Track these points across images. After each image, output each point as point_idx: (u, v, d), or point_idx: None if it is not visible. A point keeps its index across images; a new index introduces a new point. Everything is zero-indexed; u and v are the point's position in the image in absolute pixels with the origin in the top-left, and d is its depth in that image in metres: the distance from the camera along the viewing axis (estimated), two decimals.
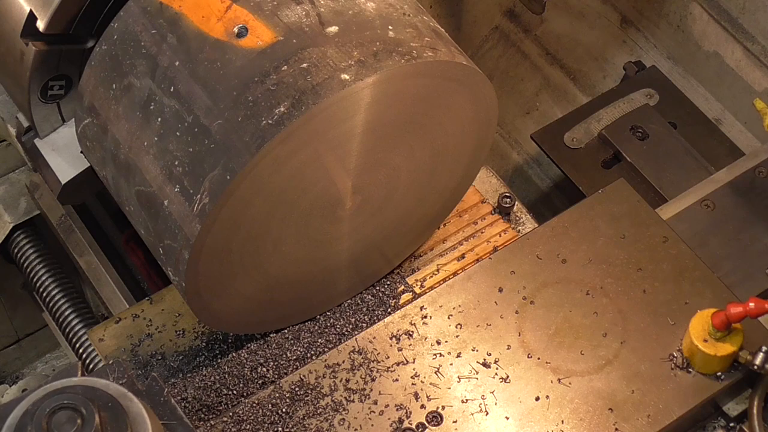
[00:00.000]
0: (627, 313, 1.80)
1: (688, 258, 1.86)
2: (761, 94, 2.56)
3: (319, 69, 1.51)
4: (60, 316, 2.30)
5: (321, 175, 1.61)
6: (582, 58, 2.87)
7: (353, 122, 1.56)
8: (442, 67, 1.60)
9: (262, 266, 1.69)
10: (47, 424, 1.19)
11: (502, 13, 2.93)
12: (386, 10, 1.61)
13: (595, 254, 1.87)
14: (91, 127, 1.69)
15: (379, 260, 1.91)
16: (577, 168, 2.43)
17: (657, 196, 2.30)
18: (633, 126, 2.45)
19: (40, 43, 1.70)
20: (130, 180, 1.63)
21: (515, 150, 2.89)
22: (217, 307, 1.71)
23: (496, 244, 1.99)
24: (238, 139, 1.50)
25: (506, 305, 1.82)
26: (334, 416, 1.71)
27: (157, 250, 1.64)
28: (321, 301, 1.88)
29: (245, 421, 1.71)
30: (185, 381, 1.81)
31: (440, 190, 1.86)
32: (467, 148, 1.80)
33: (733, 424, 1.78)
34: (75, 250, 2.26)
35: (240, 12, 1.57)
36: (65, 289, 2.33)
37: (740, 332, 1.72)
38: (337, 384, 1.74)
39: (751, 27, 2.56)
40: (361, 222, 1.75)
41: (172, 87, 1.57)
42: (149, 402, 1.30)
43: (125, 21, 1.64)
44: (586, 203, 1.94)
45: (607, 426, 1.70)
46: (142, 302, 1.94)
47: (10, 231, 2.37)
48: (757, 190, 2.10)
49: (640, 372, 1.75)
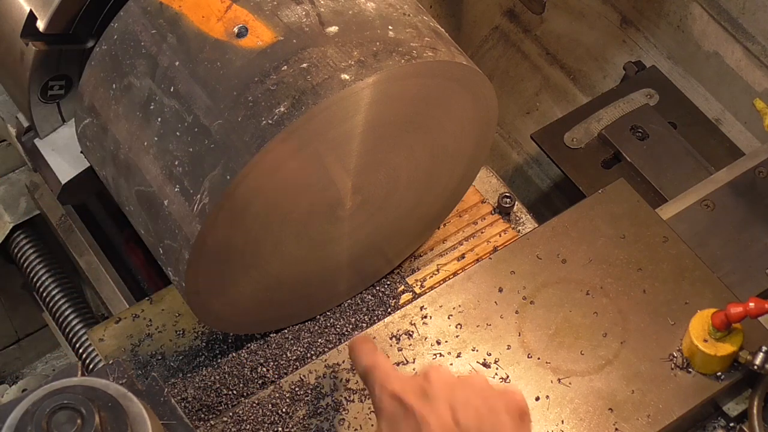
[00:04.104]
0: (627, 313, 1.80)
1: (688, 258, 1.86)
2: (761, 94, 2.56)
3: (319, 69, 1.51)
4: (60, 316, 2.30)
5: (321, 175, 1.61)
6: (582, 58, 2.87)
7: (353, 122, 1.56)
8: (442, 67, 1.60)
9: (262, 266, 1.69)
10: (47, 424, 1.19)
11: (502, 13, 2.93)
12: (386, 10, 1.61)
13: (595, 254, 1.87)
14: (91, 127, 1.69)
15: (379, 260, 1.91)
16: (577, 168, 2.43)
17: (657, 196, 2.30)
18: (633, 126, 2.45)
19: (40, 43, 1.70)
20: (130, 180, 1.63)
21: (515, 150, 2.89)
22: (217, 307, 1.71)
23: (496, 244, 1.99)
24: (238, 139, 1.50)
25: (506, 305, 1.82)
26: (335, 416, 1.71)
27: (157, 250, 1.64)
28: (321, 301, 1.88)
29: (245, 421, 1.71)
30: (185, 381, 1.81)
31: (440, 190, 1.86)
32: (467, 148, 1.80)
33: (733, 424, 1.78)
34: (75, 250, 2.26)
35: (240, 12, 1.57)
36: (65, 289, 2.33)
37: (740, 332, 1.72)
38: (337, 384, 1.74)
39: (751, 27, 2.56)
40: (361, 222, 1.75)
41: (172, 87, 1.57)
42: (149, 402, 1.30)
43: (125, 21, 1.64)
44: (586, 203, 1.95)
45: (607, 426, 1.70)
46: (142, 302, 1.94)
47: (10, 231, 2.37)
48: (757, 190, 2.10)
49: (640, 372, 1.75)
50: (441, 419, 1.41)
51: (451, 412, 1.42)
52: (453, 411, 1.42)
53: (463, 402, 1.43)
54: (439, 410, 1.42)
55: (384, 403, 1.48)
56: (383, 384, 1.49)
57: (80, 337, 2.24)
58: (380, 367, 1.53)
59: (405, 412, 1.44)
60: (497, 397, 1.46)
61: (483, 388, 1.47)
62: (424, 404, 1.43)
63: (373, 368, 1.53)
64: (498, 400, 1.45)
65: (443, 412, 1.42)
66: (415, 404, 1.44)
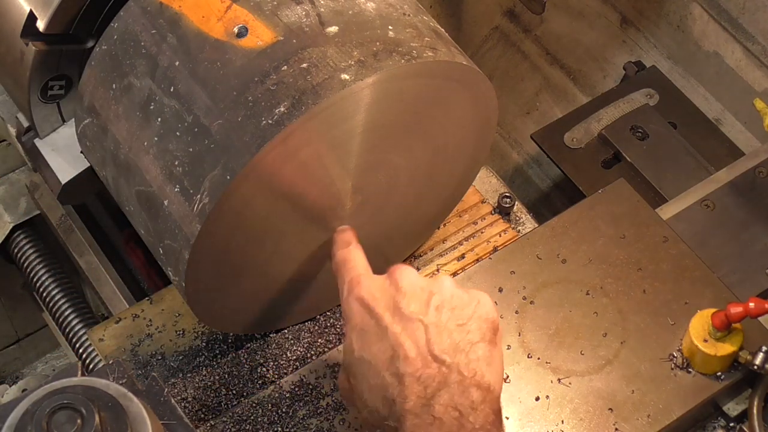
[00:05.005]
0: (627, 313, 1.80)
1: (688, 258, 1.86)
2: (761, 94, 2.56)
3: (319, 69, 1.51)
4: (60, 316, 2.30)
5: (321, 175, 1.61)
6: (582, 58, 2.87)
7: (353, 122, 1.56)
8: (442, 67, 1.60)
9: (262, 266, 1.69)
10: (47, 424, 1.19)
11: (502, 13, 2.93)
12: (386, 10, 1.61)
13: (595, 254, 1.87)
14: (91, 127, 1.69)
15: (379, 260, 1.91)
16: (577, 168, 2.43)
17: (657, 196, 2.30)
18: (633, 126, 2.45)
19: (40, 43, 1.69)
20: (130, 180, 1.63)
21: (515, 150, 2.89)
22: (217, 307, 1.71)
23: (496, 244, 1.99)
24: (238, 139, 1.50)
25: (506, 305, 1.82)
26: (335, 416, 1.71)
27: (157, 250, 1.64)
28: (321, 301, 1.88)
29: (245, 421, 1.71)
30: (185, 381, 1.81)
31: (440, 190, 1.86)
32: (467, 148, 1.80)
33: (733, 424, 1.78)
34: (75, 250, 2.26)
35: (240, 12, 1.57)
36: (65, 289, 2.33)
37: (740, 332, 1.72)
38: (337, 384, 1.74)
39: (751, 27, 2.56)
40: (361, 222, 1.75)
41: (172, 87, 1.57)
42: (149, 402, 1.30)
43: (125, 21, 1.64)
44: (586, 203, 1.95)
45: (607, 426, 1.70)
46: (142, 302, 1.94)
47: (10, 231, 2.37)
48: (757, 190, 2.10)
49: (640, 372, 1.75)
50: (417, 345, 1.40)
51: (425, 335, 1.41)
52: (427, 335, 1.41)
53: (435, 323, 1.42)
54: (414, 334, 1.40)
55: (353, 309, 1.45)
56: (352, 286, 1.47)
57: (80, 337, 2.24)
58: (350, 264, 1.50)
59: (377, 328, 1.42)
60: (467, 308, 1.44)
61: (453, 296, 1.45)
62: (396, 323, 1.41)
63: (344, 264, 1.51)
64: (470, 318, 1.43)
65: (419, 336, 1.40)
66: (388, 321, 1.42)
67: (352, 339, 1.45)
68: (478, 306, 1.46)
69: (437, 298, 1.45)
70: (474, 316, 1.45)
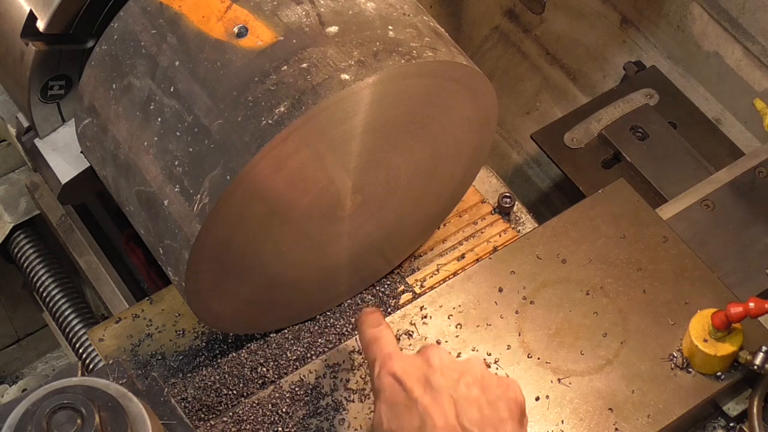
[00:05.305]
0: (627, 313, 1.81)
1: (688, 258, 1.86)
2: (761, 94, 2.55)
3: (319, 69, 1.51)
4: (60, 316, 2.30)
5: (321, 175, 1.61)
6: (582, 58, 2.87)
7: (353, 122, 1.56)
8: (442, 67, 1.60)
9: (262, 266, 1.69)
10: (47, 424, 1.19)
11: (502, 13, 2.93)
12: (386, 10, 1.61)
13: (595, 254, 1.87)
14: (91, 127, 1.69)
15: (379, 260, 1.91)
16: (577, 168, 2.43)
17: (657, 196, 2.30)
18: (633, 126, 2.45)
19: (40, 43, 1.70)
20: (130, 180, 1.63)
21: (515, 150, 2.89)
22: (217, 307, 1.71)
23: (496, 244, 1.99)
24: (238, 139, 1.50)
25: (506, 305, 1.82)
26: (335, 416, 1.71)
27: (157, 250, 1.64)
28: (321, 301, 1.88)
29: (245, 421, 1.71)
30: (185, 381, 1.81)
31: (440, 190, 1.86)
32: (467, 148, 1.80)
33: (733, 424, 1.78)
34: (75, 250, 2.26)
35: (240, 12, 1.57)
36: (65, 289, 2.33)
37: (740, 332, 1.72)
38: (337, 384, 1.74)
39: (751, 27, 2.56)
40: (361, 222, 1.75)
41: (172, 87, 1.57)
42: (149, 402, 1.30)
43: (125, 21, 1.64)
44: (586, 203, 1.95)
45: (607, 426, 1.70)
46: (142, 302, 1.94)
47: (10, 231, 2.37)
48: (757, 190, 2.10)
49: (640, 372, 1.75)
50: (445, 417, 1.41)
51: (454, 408, 1.42)
52: (457, 407, 1.42)
53: (466, 397, 1.43)
54: (443, 406, 1.42)
55: (384, 383, 1.47)
56: (384, 362, 1.49)
57: (80, 337, 2.24)
58: (382, 342, 1.51)
59: (407, 401, 1.43)
60: (497, 389, 1.46)
61: (483, 377, 1.47)
62: (427, 395, 1.43)
63: (375, 342, 1.52)
64: (500, 398, 1.45)
65: (447, 408, 1.42)
66: (419, 394, 1.43)
67: (382, 412, 1.46)
68: (508, 389, 1.47)
69: (468, 377, 1.46)
70: (503, 397, 1.46)
